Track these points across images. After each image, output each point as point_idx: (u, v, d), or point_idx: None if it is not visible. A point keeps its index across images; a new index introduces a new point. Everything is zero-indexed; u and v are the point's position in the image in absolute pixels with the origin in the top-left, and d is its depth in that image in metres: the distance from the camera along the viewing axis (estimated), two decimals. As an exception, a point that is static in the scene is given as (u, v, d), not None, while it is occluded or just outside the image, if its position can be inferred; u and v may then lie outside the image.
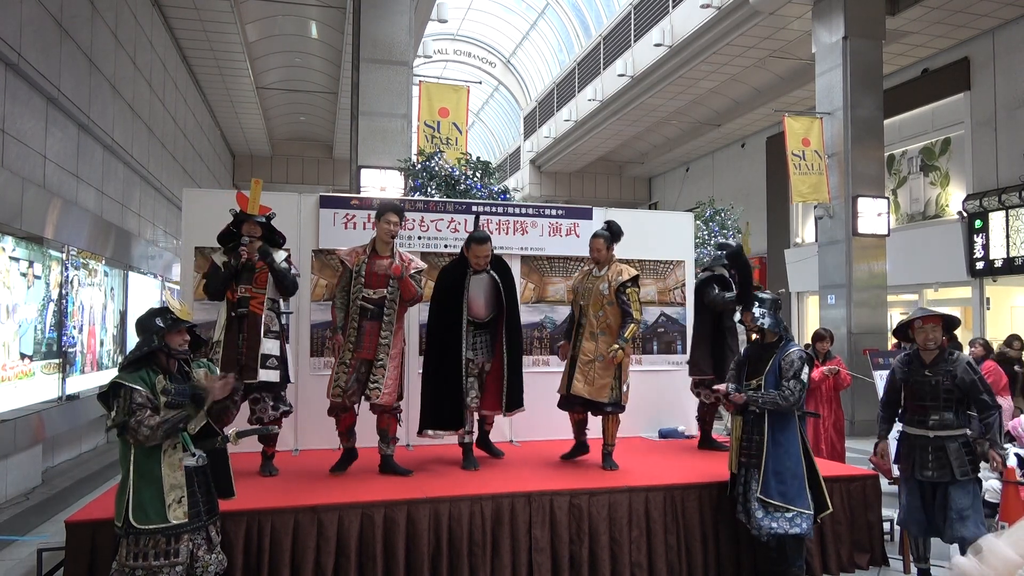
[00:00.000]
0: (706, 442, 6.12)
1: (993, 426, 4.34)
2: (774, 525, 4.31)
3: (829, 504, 4.45)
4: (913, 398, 4.51)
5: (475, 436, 5.45)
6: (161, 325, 3.32)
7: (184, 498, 3.23)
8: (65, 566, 3.83)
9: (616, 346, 5.10)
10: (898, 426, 4.81)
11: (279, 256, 4.97)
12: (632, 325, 5.15)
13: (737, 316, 5.64)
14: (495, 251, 5.39)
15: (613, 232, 5.38)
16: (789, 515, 4.30)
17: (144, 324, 3.37)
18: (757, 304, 4.64)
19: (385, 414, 4.97)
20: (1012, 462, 5.82)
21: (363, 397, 4.96)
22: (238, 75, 16.19)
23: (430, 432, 5.22)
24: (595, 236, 5.41)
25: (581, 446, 5.50)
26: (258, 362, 4.78)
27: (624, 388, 5.29)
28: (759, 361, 4.55)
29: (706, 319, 5.98)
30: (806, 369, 4.40)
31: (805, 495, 4.34)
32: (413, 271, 5.05)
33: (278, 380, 4.91)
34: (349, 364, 4.88)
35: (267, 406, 4.89)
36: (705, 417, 6.17)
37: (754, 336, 4.73)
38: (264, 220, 4.94)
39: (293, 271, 5.05)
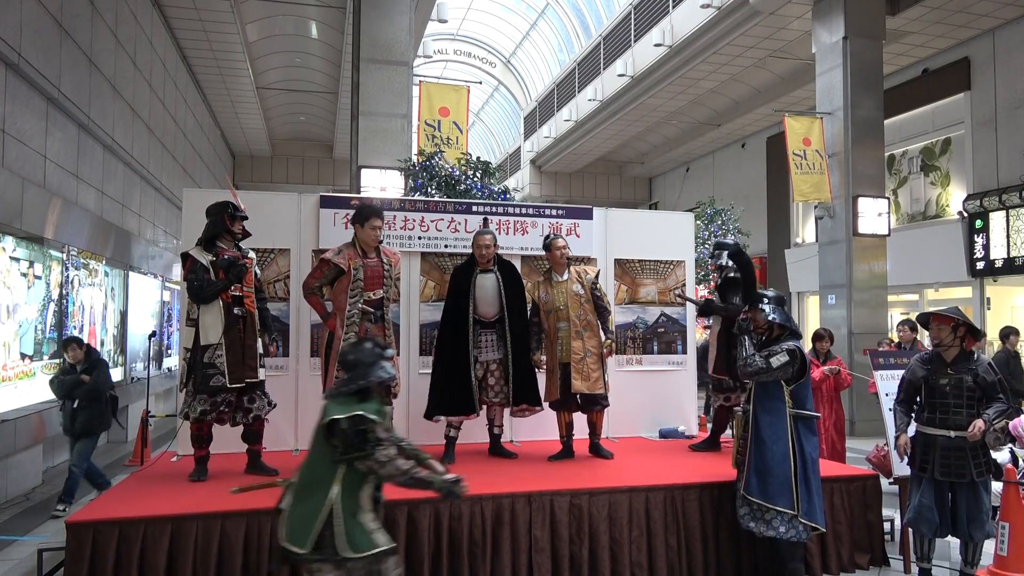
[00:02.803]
0: (713, 444, 6.05)
1: (1003, 414, 4.42)
2: (754, 525, 4.31)
3: (798, 508, 4.23)
4: (934, 397, 4.50)
5: (459, 433, 5.58)
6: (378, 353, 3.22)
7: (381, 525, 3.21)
8: (65, 566, 3.83)
9: (609, 340, 5.53)
10: (912, 426, 4.80)
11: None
12: (611, 316, 5.60)
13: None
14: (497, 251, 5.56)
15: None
16: (768, 516, 4.27)
17: (361, 357, 3.20)
18: (765, 300, 4.59)
19: None
20: (1004, 457, 5.83)
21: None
22: (238, 75, 16.19)
23: (440, 417, 5.48)
24: (557, 238, 5.65)
25: (570, 450, 5.63)
26: (257, 360, 4.86)
27: (607, 379, 5.58)
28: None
29: (725, 319, 5.93)
30: (782, 358, 4.28)
31: (788, 496, 4.23)
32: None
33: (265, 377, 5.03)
34: None
35: (264, 403, 4.94)
36: (720, 419, 6.10)
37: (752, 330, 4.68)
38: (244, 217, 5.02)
39: (259, 272, 5.17)
